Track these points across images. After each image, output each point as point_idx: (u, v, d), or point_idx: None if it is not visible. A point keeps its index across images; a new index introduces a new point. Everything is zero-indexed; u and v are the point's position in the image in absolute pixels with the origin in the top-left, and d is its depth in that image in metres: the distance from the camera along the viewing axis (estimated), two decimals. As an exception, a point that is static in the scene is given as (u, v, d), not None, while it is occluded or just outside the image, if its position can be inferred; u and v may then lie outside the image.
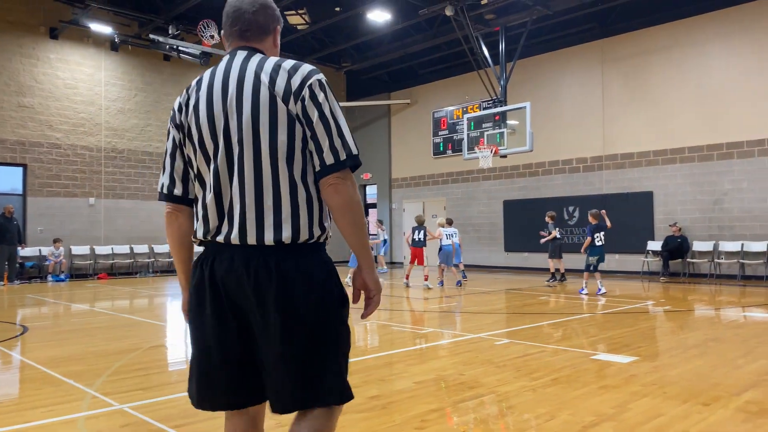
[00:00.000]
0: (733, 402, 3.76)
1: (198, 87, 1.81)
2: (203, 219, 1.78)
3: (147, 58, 16.72)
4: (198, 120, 1.77)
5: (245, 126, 1.70)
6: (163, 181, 1.88)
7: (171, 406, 3.77)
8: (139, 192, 16.67)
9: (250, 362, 1.74)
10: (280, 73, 1.72)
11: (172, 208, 1.87)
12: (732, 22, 13.15)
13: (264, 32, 1.88)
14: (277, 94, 1.69)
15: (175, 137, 1.85)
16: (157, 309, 9.57)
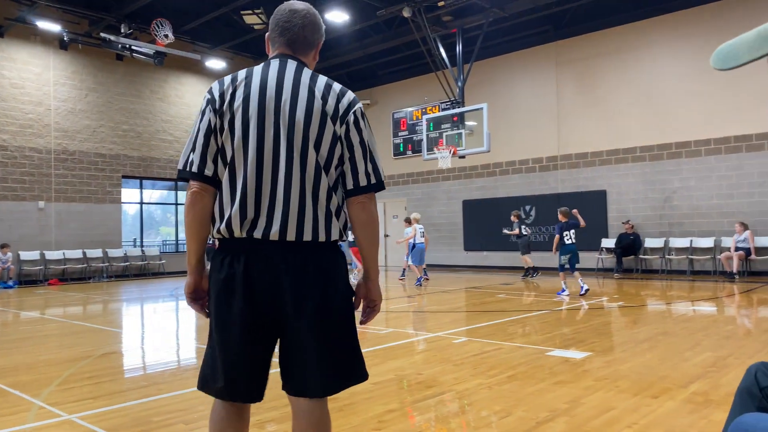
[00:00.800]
0: (680, 394, 3.89)
1: (247, 81, 1.89)
2: (239, 210, 1.84)
3: (98, 57, 16.28)
4: (247, 112, 1.85)
5: (297, 132, 1.85)
6: (193, 159, 1.88)
7: (122, 414, 3.68)
8: (92, 195, 16.21)
9: (269, 358, 1.91)
10: (331, 94, 1.91)
11: (199, 187, 1.88)
12: (677, 26, 13.61)
13: (309, 47, 2.04)
14: (328, 112, 1.88)
15: (212, 120, 1.88)
16: (111, 315, 9.33)
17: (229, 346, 1.87)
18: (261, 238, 1.84)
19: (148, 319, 8.86)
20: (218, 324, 1.89)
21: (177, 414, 3.65)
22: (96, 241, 16.19)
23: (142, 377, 4.90)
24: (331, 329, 1.88)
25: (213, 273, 1.91)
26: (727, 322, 7.03)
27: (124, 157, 16.92)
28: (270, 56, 2.03)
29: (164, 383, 4.52)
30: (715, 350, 5.27)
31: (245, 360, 1.87)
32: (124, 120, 16.95)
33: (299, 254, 1.85)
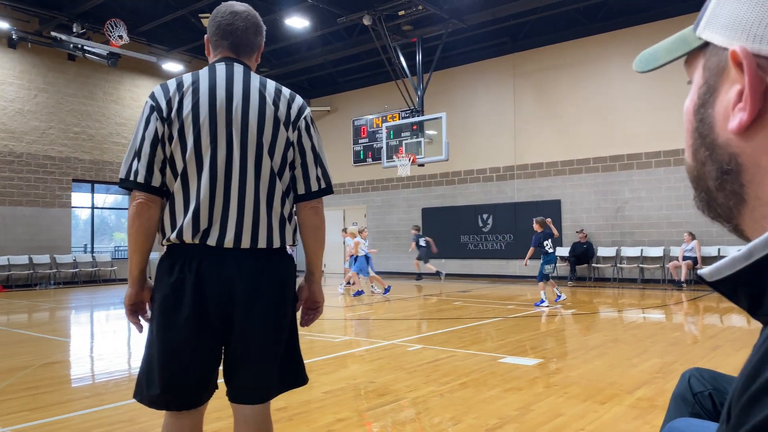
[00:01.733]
0: (626, 399, 3.97)
1: (195, 88, 1.85)
2: (192, 219, 1.81)
3: (49, 56, 15.77)
4: (197, 120, 1.82)
5: (250, 139, 1.84)
6: (138, 169, 1.82)
7: (61, 427, 3.52)
8: (40, 199, 15.64)
9: (217, 362, 1.89)
10: (282, 99, 1.92)
11: (145, 198, 1.83)
12: (631, 41, 14.03)
13: (252, 50, 2.02)
14: (280, 118, 1.88)
15: (159, 129, 1.82)
16: (57, 323, 8.99)
17: (171, 350, 1.82)
18: (215, 245, 1.82)
19: (95, 328, 8.57)
20: (162, 328, 1.83)
21: (119, 425, 3.53)
22: (43, 247, 15.62)
23: (86, 387, 4.73)
24: (278, 335, 1.88)
25: (161, 277, 1.85)
26: (674, 329, 7.23)
27: (75, 160, 16.41)
28: (213, 60, 1.98)
29: (108, 393, 4.36)
30: (662, 356, 5.40)
31: (187, 366, 1.82)
32: (76, 122, 16.44)
33: (254, 261, 1.85)
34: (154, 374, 1.84)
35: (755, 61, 0.47)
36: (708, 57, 0.52)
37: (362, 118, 19.26)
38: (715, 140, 0.51)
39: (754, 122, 0.47)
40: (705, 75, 0.53)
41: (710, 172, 0.53)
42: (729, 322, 7.60)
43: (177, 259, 1.83)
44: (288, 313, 1.93)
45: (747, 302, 0.48)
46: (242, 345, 1.85)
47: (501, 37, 15.97)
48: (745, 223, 0.52)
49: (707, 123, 0.52)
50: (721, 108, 0.51)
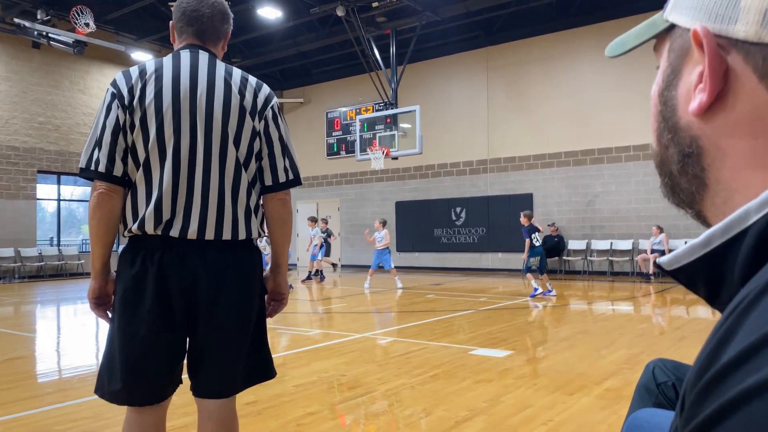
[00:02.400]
0: (594, 390, 4.01)
1: (158, 75, 1.80)
2: (155, 210, 1.76)
3: (12, 44, 15.32)
4: (161, 109, 1.76)
5: (215, 128, 1.79)
6: (99, 158, 1.76)
7: (20, 424, 3.42)
8: (3, 190, 15.22)
9: (181, 356, 1.84)
10: (248, 88, 1.87)
11: (106, 188, 1.76)
12: (600, 37, 14.19)
13: (218, 37, 1.97)
14: (246, 107, 1.84)
15: (120, 117, 1.76)
16: (21, 318, 8.76)
17: (133, 345, 1.76)
18: (178, 237, 1.77)
19: (61, 322, 8.38)
20: (124, 321, 1.77)
21: (82, 422, 3.44)
22: (7, 240, 15.21)
23: (48, 383, 4.61)
24: (243, 329, 1.84)
25: (123, 269, 1.80)
26: (642, 321, 7.35)
27: (40, 151, 16.00)
28: (177, 47, 1.93)
29: (71, 389, 4.26)
30: (630, 348, 5.49)
31: (149, 360, 1.77)
32: (41, 112, 16.02)
33: (218, 253, 1.81)
34: (115, 369, 1.78)
35: (716, 41, 0.46)
36: (674, 39, 0.52)
37: (336, 110, 19.15)
38: (678, 123, 0.51)
39: (714, 104, 0.46)
40: (670, 57, 0.52)
41: (672, 156, 0.52)
42: (695, 314, 7.77)
43: (139, 250, 1.78)
44: (254, 306, 1.88)
45: (705, 291, 0.47)
46: (207, 338, 1.81)
47: (474, 30, 16.01)
48: (707, 208, 0.51)
49: (670, 105, 0.52)
50: (684, 90, 0.50)
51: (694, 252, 0.45)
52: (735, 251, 0.42)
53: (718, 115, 0.46)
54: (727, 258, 0.43)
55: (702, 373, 0.35)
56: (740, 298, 0.37)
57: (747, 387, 0.32)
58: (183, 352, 1.85)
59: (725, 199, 0.48)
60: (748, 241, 0.41)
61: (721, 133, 0.47)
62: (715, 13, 0.46)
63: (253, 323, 1.88)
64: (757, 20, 0.43)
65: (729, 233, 0.43)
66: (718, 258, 0.44)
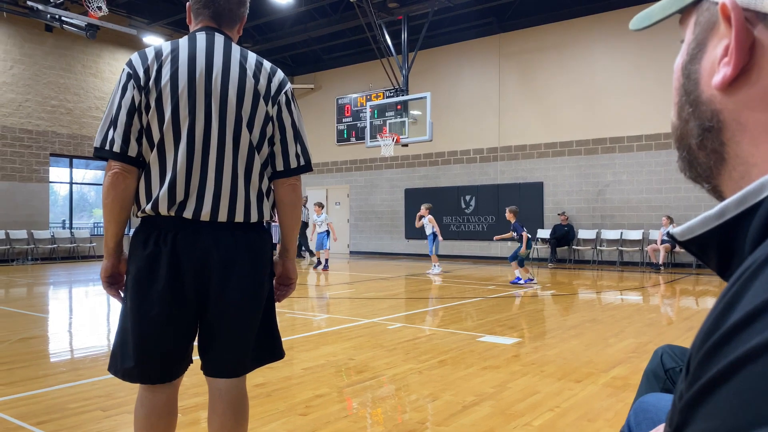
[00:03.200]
0: (601, 378, 4.03)
1: (174, 56, 1.81)
2: (168, 191, 1.77)
3: (26, 27, 15.37)
4: (176, 90, 1.78)
5: (229, 111, 1.81)
6: (114, 138, 1.77)
7: (35, 401, 3.49)
8: (16, 173, 15.35)
9: (192, 336, 1.87)
10: (263, 73, 1.88)
11: (121, 168, 1.79)
12: (614, 24, 14.03)
13: (235, 20, 1.97)
14: (260, 92, 1.85)
15: (135, 98, 1.78)
16: (35, 299, 8.88)
17: (145, 323, 1.79)
18: (191, 218, 1.79)
19: (74, 303, 8.49)
20: (137, 301, 1.80)
21: (95, 400, 3.50)
22: (20, 222, 15.37)
23: (62, 363, 4.68)
24: (254, 309, 1.87)
25: (135, 250, 1.83)
26: (651, 311, 7.34)
27: (53, 134, 16.10)
28: (194, 29, 1.93)
29: (84, 369, 4.33)
30: (637, 337, 5.49)
31: (161, 339, 1.80)
32: (53, 95, 16.10)
33: (231, 234, 1.83)
34: (128, 347, 1.82)
35: (744, 15, 0.46)
36: (700, 13, 0.52)
37: (346, 96, 19.11)
38: (699, 97, 0.51)
39: (737, 78, 0.47)
40: (696, 31, 0.52)
41: (693, 130, 0.52)
42: (704, 305, 7.74)
43: (152, 231, 1.81)
44: (264, 288, 1.90)
45: (716, 262, 0.48)
46: (217, 318, 1.84)
47: (487, 17, 15.87)
48: (724, 183, 0.52)
49: (693, 79, 0.52)
50: (708, 64, 0.50)
51: (708, 223, 0.46)
52: (748, 224, 0.43)
53: (741, 89, 0.47)
54: (739, 230, 0.44)
55: (708, 337, 0.36)
56: (747, 265, 0.38)
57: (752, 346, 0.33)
58: (194, 332, 1.88)
59: (743, 174, 0.49)
60: (761, 213, 0.42)
61: (742, 107, 0.47)
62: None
63: (263, 304, 1.90)
64: None
65: (743, 205, 0.43)
66: (731, 230, 0.45)
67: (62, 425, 3.07)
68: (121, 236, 1.88)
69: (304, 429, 3.03)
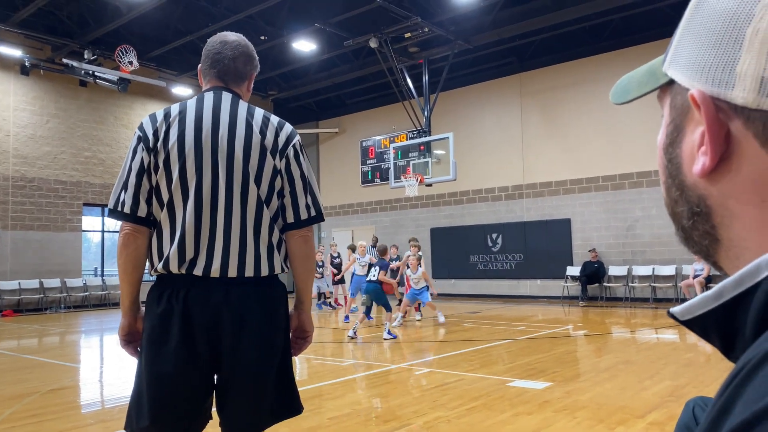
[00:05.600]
0: (637, 424, 3.88)
1: (181, 117, 1.85)
2: (178, 250, 1.80)
3: (61, 83, 16.02)
4: (183, 150, 1.81)
5: (236, 167, 1.82)
6: (125, 200, 1.83)
7: (62, 456, 3.50)
8: (50, 223, 15.77)
9: (208, 392, 1.86)
10: (269, 128, 1.90)
11: (132, 229, 1.83)
12: (635, 59, 14.02)
13: (241, 78, 2.00)
14: (267, 146, 1.86)
15: (144, 159, 1.83)
16: (67, 348, 8.99)
17: (159, 382, 1.79)
18: (201, 275, 1.80)
19: (105, 352, 8.57)
20: (150, 359, 1.81)
21: (121, 454, 3.49)
22: (54, 271, 15.70)
23: (90, 414, 4.70)
24: (267, 365, 1.85)
25: (150, 308, 1.85)
26: (688, 350, 7.10)
27: (86, 185, 16.57)
28: (204, 89, 1.99)
29: (112, 420, 4.33)
30: (674, 379, 5.30)
31: (176, 397, 1.80)
32: (87, 147, 16.64)
33: (241, 290, 1.83)
34: (143, 405, 1.81)
35: (714, 106, 0.45)
36: (674, 95, 0.51)
37: (370, 139, 19.34)
38: (684, 181, 0.50)
39: (718, 166, 0.46)
40: (672, 114, 0.51)
41: (683, 213, 0.51)
42: (743, 342, 7.46)
43: (165, 288, 1.83)
44: (277, 342, 1.89)
45: (720, 343, 0.46)
46: (231, 376, 1.83)
47: (507, 57, 16.05)
48: (722, 261, 0.50)
49: (675, 163, 0.51)
50: (687, 149, 0.49)
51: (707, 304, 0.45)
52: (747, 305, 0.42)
53: (724, 177, 0.46)
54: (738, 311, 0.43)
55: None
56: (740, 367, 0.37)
57: None
58: (210, 389, 1.87)
59: (737, 255, 0.47)
60: (759, 295, 0.41)
61: (728, 195, 0.46)
62: (711, 77, 0.44)
63: (278, 359, 1.88)
64: (754, 87, 0.42)
65: (740, 287, 0.42)
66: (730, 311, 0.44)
67: (88, 481, 3.06)
68: (135, 295, 1.91)
69: (331, 483, 2.96)
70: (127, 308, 1.90)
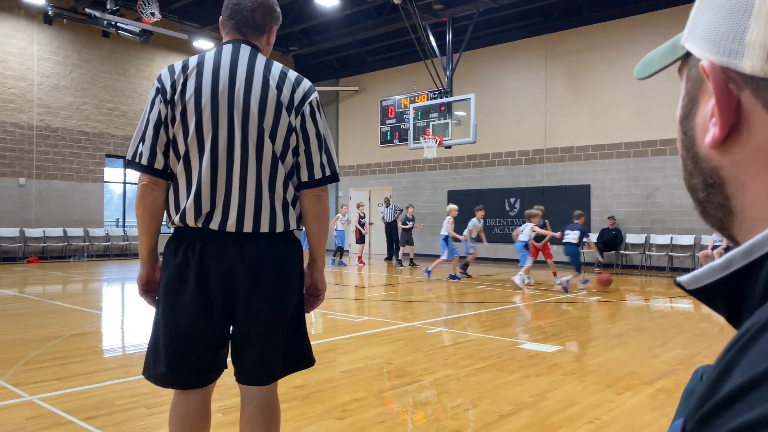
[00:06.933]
0: (645, 390, 3.92)
1: (198, 70, 1.84)
2: (194, 203, 1.82)
3: (84, 33, 16.01)
4: (200, 103, 1.81)
5: (251, 123, 1.82)
6: (142, 151, 1.84)
7: (84, 397, 3.64)
8: (74, 173, 16.00)
9: (223, 343, 1.90)
10: (286, 83, 1.87)
11: (149, 180, 1.86)
12: (665, 23, 13.61)
13: (260, 30, 1.97)
14: (283, 102, 1.84)
15: (162, 112, 1.83)
16: (89, 295, 9.25)
17: (175, 331, 1.85)
18: (217, 229, 1.83)
19: (126, 301, 8.80)
20: (167, 309, 1.87)
21: (141, 398, 3.63)
22: (77, 220, 16.02)
23: (111, 359, 4.87)
24: (280, 318, 1.89)
25: (167, 259, 1.90)
26: (701, 320, 7.09)
27: (108, 136, 16.72)
28: (224, 41, 1.98)
29: (132, 366, 4.48)
30: (685, 348, 5.32)
31: (191, 347, 1.86)
32: (109, 98, 16.72)
33: (255, 245, 1.85)
34: (159, 353, 1.88)
35: (724, 76, 0.45)
36: (690, 67, 0.51)
37: (390, 98, 19.16)
38: (698, 153, 0.50)
39: (728, 136, 0.46)
40: (687, 86, 0.51)
41: (698, 184, 0.52)
42: (758, 315, 7.42)
43: (182, 241, 1.86)
44: (291, 297, 1.92)
45: (726, 312, 0.47)
46: (245, 328, 1.87)
47: (534, 17, 15.65)
48: (737, 234, 0.51)
49: (689, 135, 0.51)
50: (701, 120, 0.49)
51: (714, 273, 0.46)
52: (755, 275, 0.42)
53: (735, 147, 0.46)
54: (746, 281, 0.43)
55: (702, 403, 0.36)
56: (743, 331, 0.38)
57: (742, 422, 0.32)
58: (225, 340, 1.92)
59: (751, 227, 0.48)
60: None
61: (739, 165, 0.46)
62: (723, 47, 0.45)
63: (290, 313, 1.91)
64: (762, 56, 0.42)
65: (749, 257, 0.43)
66: (738, 281, 0.44)
67: (109, 421, 3.19)
68: (153, 246, 1.95)
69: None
70: (145, 258, 1.95)
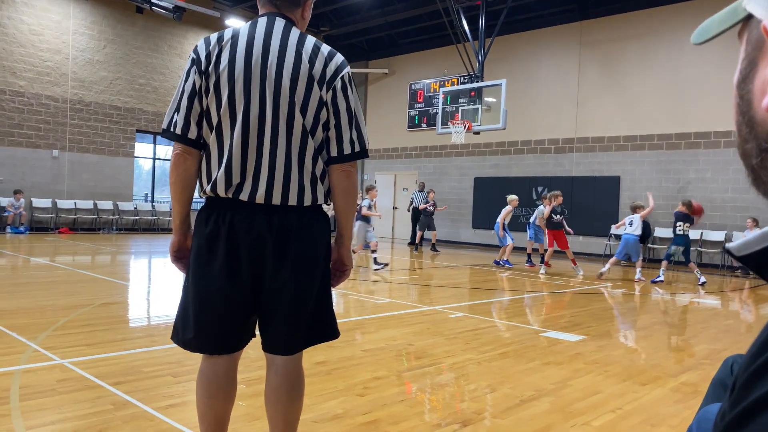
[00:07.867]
0: (669, 383, 3.88)
1: (233, 42, 1.86)
2: (225, 174, 1.85)
3: (118, 9, 16.18)
4: (233, 75, 1.82)
5: (283, 96, 1.83)
6: (177, 121, 1.88)
7: (113, 363, 3.73)
8: (105, 147, 16.27)
9: (250, 312, 1.93)
10: (319, 57, 1.87)
11: (182, 150, 1.89)
12: (703, 12, 13.17)
13: (295, 4, 1.97)
14: (314, 76, 1.85)
15: (197, 82, 1.86)
16: (117, 266, 9.44)
17: (204, 297, 1.89)
18: (247, 200, 1.86)
19: (152, 273, 8.97)
20: (197, 276, 1.91)
21: (167, 366, 3.70)
22: (107, 194, 16.32)
23: (139, 328, 4.97)
24: (306, 290, 1.92)
25: (198, 227, 1.93)
26: (728, 316, 6.97)
27: (139, 112, 16.93)
28: (260, 13, 1.98)
29: (159, 335, 4.58)
30: (712, 343, 5.24)
31: (219, 314, 1.89)
32: (141, 74, 16.91)
33: (284, 217, 1.88)
34: (188, 319, 1.92)
35: None
36: (751, 29, 0.49)
37: (420, 82, 19.02)
38: (754, 117, 0.49)
39: None
40: (747, 48, 0.50)
41: (752, 150, 0.50)
42: (789, 314, 7.27)
43: (212, 211, 1.90)
44: (317, 269, 1.94)
45: None
46: (271, 298, 1.90)
47: (569, 3, 15.35)
48: None
49: (746, 99, 0.50)
50: (759, 84, 0.48)
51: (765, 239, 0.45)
52: None
53: None
54: None
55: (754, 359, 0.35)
56: None
57: None
58: (253, 309, 1.94)
59: None
60: None
61: None
62: None
63: (317, 285, 1.93)
64: None
65: None
66: None
67: (136, 387, 3.27)
68: (185, 214, 1.99)
69: (361, 410, 3.09)
70: (177, 226, 2.00)
